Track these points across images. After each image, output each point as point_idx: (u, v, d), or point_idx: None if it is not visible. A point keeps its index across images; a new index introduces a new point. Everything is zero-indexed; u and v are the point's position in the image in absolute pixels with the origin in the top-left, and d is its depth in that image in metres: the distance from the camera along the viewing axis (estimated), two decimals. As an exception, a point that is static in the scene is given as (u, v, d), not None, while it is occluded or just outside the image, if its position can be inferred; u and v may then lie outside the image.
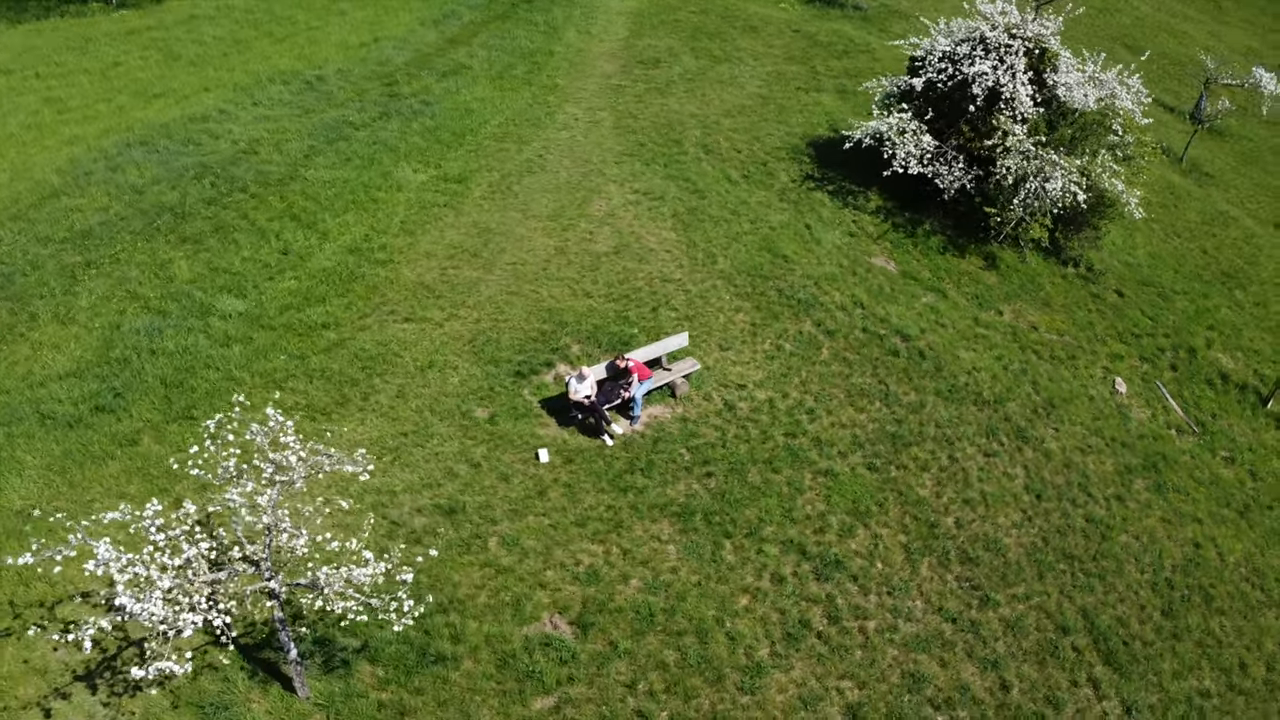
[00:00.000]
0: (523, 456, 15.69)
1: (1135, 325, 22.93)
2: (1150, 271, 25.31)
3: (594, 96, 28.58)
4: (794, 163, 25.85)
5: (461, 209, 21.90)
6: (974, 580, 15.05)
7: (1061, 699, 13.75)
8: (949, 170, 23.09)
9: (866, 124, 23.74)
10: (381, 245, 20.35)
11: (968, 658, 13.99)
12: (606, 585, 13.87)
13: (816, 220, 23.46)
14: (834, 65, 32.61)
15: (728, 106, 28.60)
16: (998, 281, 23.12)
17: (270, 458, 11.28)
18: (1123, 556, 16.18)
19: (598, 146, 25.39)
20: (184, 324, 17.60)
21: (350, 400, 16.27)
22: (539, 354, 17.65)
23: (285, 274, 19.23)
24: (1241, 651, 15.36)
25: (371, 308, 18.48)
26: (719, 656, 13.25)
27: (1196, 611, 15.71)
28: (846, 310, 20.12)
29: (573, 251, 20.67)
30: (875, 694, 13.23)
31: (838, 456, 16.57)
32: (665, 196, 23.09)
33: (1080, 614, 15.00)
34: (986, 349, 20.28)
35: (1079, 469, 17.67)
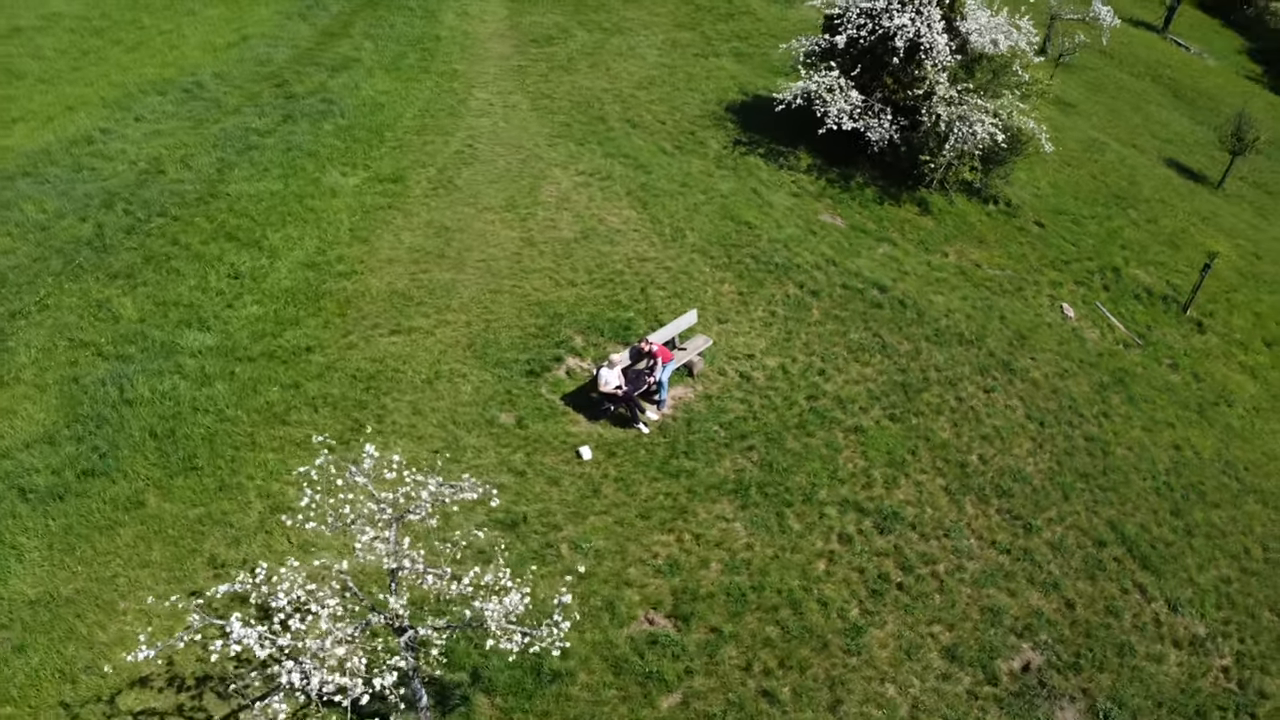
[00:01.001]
0: (564, 457, 15.18)
1: (1061, 252, 24.43)
2: (1057, 201, 26.98)
3: (499, 80, 27.66)
4: (719, 129, 25.93)
5: (409, 209, 20.79)
6: (1013, 510, 15.76)
7: (1119, 607, 14.65)
8: (878, 123, 23.75)
9: (795, 84, 24.05)
10: (338, 257, 19.09)
11: (1030, 584, 14.66)
12: (689, 573, 13.68)
13: (760, 184, 23.69)
14: (722, 29, 32.82)
15: (637, 79, 28.33)
16: (934, 225, 24.07)
17: (382, 497, 10.43)
18: (1124, 468, 17.32)
19: (524, 131, 24.64)
20: (151, 367, 15.97)
21: (365, 425, 15.24)
22: (544, 350, 17.07)
23: (244, 299, 17.74)
24: (1240, 538, 16.79)
25: (351, 324, 17.34)
26: (817, 623, 13.34)
27: (1197, 508, 17.05)
28: (821, 269, 20.46)
29: (540, 241, 20.03)
30: (964, 633, 13.68)
31: (860, 412, 16.90)
32: (612, 175, 22.69)
33: (1109, 526, 15.98)
34: (950, 291, 21.12)
35: (1064, 393, 18.74)
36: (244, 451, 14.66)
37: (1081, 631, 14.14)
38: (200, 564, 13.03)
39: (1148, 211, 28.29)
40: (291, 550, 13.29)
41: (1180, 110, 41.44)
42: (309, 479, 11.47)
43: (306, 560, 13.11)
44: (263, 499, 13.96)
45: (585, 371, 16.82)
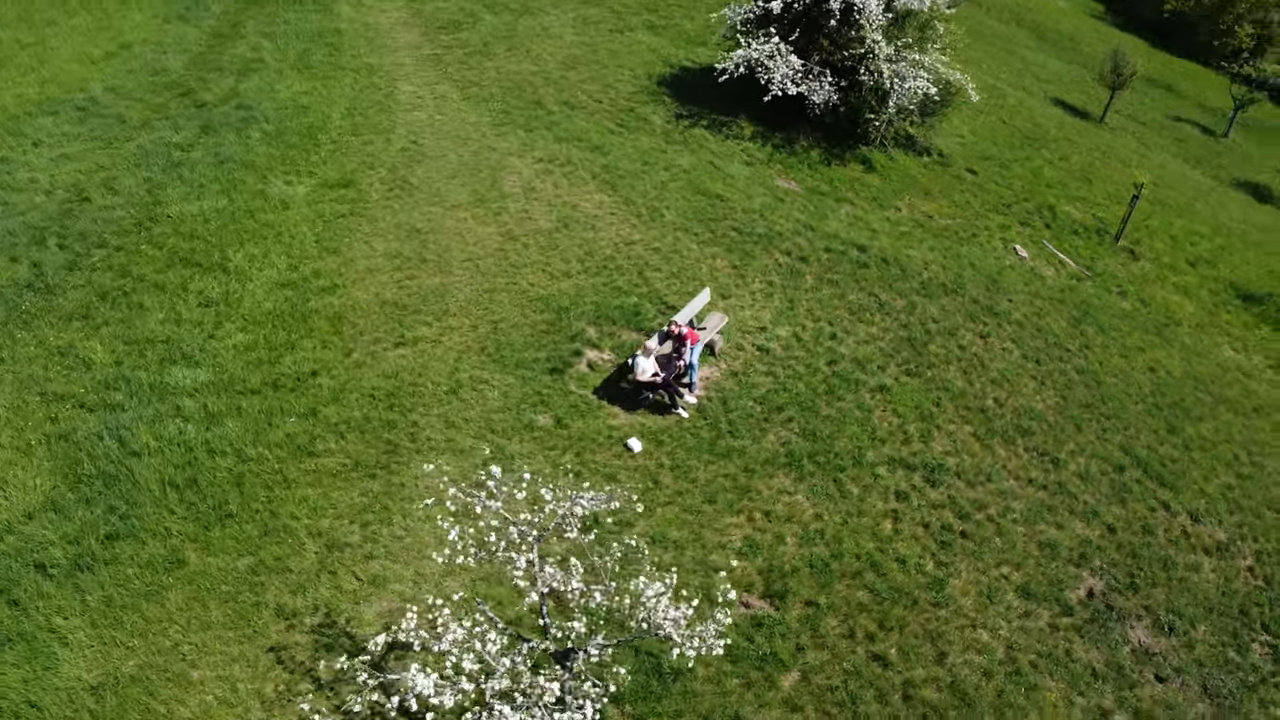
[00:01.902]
0: (614, 452, 14.84)
1: (1000, 197, 25.48)
2: (980, 147, 28.08)
3: (419, 70, 26.53)
4: (658, 104, 25.70)
5: (372, 215, 19.74)
6: (1038, 448, 16.43)
7: (1152, 525, 15.54)
8: (819, 86, 24.04)
9: (736, 53, 24.02)
10: (314, 271, 17.96)
11: (1071, 515, 15.35)
12: (769, 551, 13.66)
13: (713, 156, 23.65)
14: (630, 3, 32.42)
15: (561, 59, 27.70)
16: (881, 182, 24.65)
17: (520, 519, 9.92)
18: (1117, 395, 18.31)
19: (464, 122, 23.74)
20: (147, 413, 14.65)
21: (400, 445, 14.47)
22: (560, 345, 16.60)
23: (225, 327, 16.48)
24: (1227, 446, 18.05)
25: (350, 341, 16.38)
26: (901, 582, 13.58)
27: (1186, 423, 18.21)
28: (801, 234, 20.64)
29: (520, 234, 19.40)
30: (1030, 570, 14.21)
31: (878, 371, 17.21)
32: (572, 160, 22.17)
33: (1122, 451, 16.88)
34: (918, 244, 21.71)
35: (1047, 331, 19.62)
36: (278, 490, 13.68)
37: (1127, 553, 14.92)
38: (268, 617, 12.11)
39: (1058, 150, 29.82)
40: (363, 588, 12.53)
41: (1047, 52, 43.78)
42: (444, 510, 10.75)
43: (379, 594, 12.42)
44: (315, 538, 13.09)
45: (607, 364, 16.45)
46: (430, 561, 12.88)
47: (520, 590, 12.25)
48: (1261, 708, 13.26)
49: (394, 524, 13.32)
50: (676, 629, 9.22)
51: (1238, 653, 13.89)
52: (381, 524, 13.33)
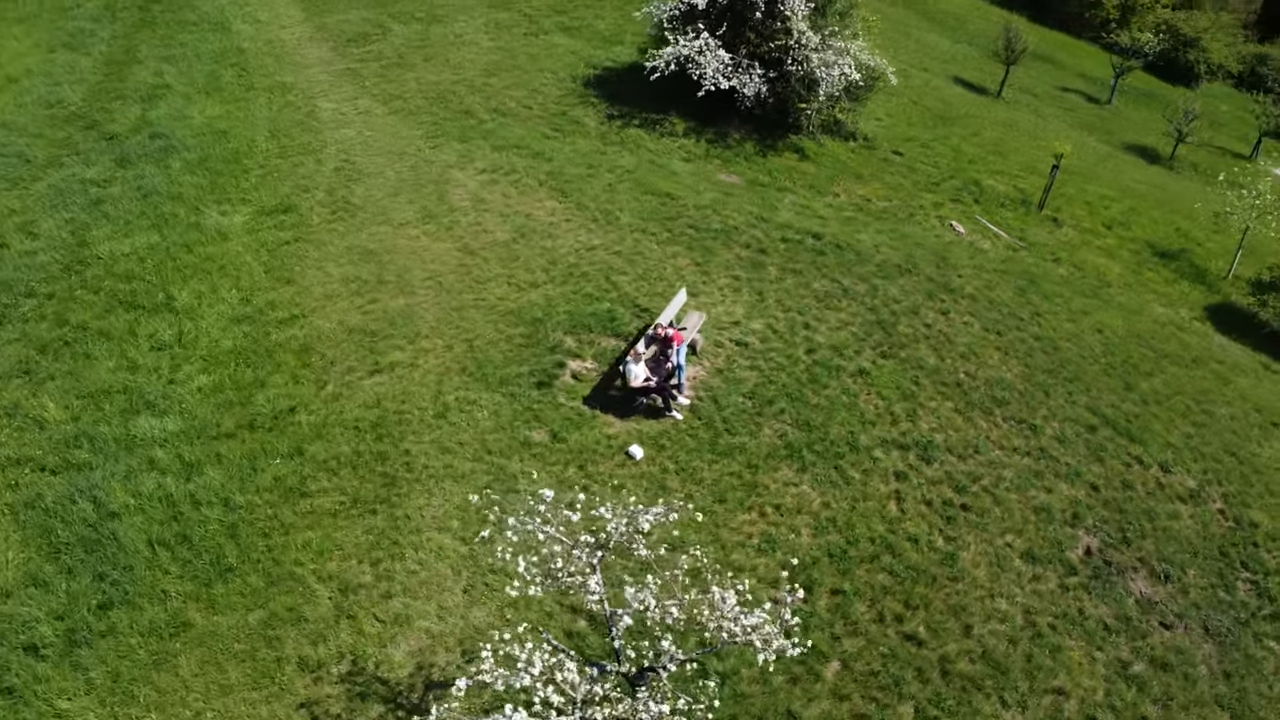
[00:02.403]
0: (616, 461, 14.64)
1: (927, 176, 26.21)
2: (900, 129, 28.83)
3: (337, 86, 25.66)
4: (588, 106, 25.50)
5: (318, 239, 18.99)
6: (1015, 416, 16.96)
7: (1129, 480, 16.22)
8: (750, 79, 24.24)
9: (665, 50, 23.99)
10: (269, 303, 17.17)
11: (1057, 478, 15.90)
12: (787, 544, 13.70)
13: (653, 155, 23.61)
14: (539, 5, 32.08)
15: (481, 66, 27.21)
16: (816, 169, 25.04)
17: (581, 541, 9.66)
18: (1074, 358, 19.05)
19: (396, 136, 23.08)
20: (118, 469, 13.75)
21: (397, 476, 13.96)
22: (541, 358, 16.28)
23: (185, 370, 15.61)
24: (1179, 398, 18.97)
25: (322, 373, 15.71)
26: (916, 560, 13.82)
27: (1140, 380, 19.08)
28: (756, 226, 20.78)
29: (478, 248, 18.96)
30: (1031, 535, 14.66)
31: (855, 355, 17.46)
32: (515, 168, 21.79)
33: (1090, 412, 17.58)
34: (865, 228, 22.13)
35: (999, 302, 20.26)
36: (277, 537, 13.03)
37: (1114, 509, 15.55)
38: (291, 671, 11.52)
39: (969, 126, 30.86)
40: (387, 629, 12.04)
41: (937, 32, 45.26)
42: (503, 539, 10.35)
43: (405, 633, 11.97)
44: (325, 582, 12.51)
45: (592, 372, 16.22)
46: (451, 594, 12.48)
47: (590, 614, 12.03)
48: (1256, 641, 14.00)
49: (406, 559, 12.84)
50: (758, 635, 9.12)
51: (1226, 592, 14.64)
52: (393, 560, 12.83)
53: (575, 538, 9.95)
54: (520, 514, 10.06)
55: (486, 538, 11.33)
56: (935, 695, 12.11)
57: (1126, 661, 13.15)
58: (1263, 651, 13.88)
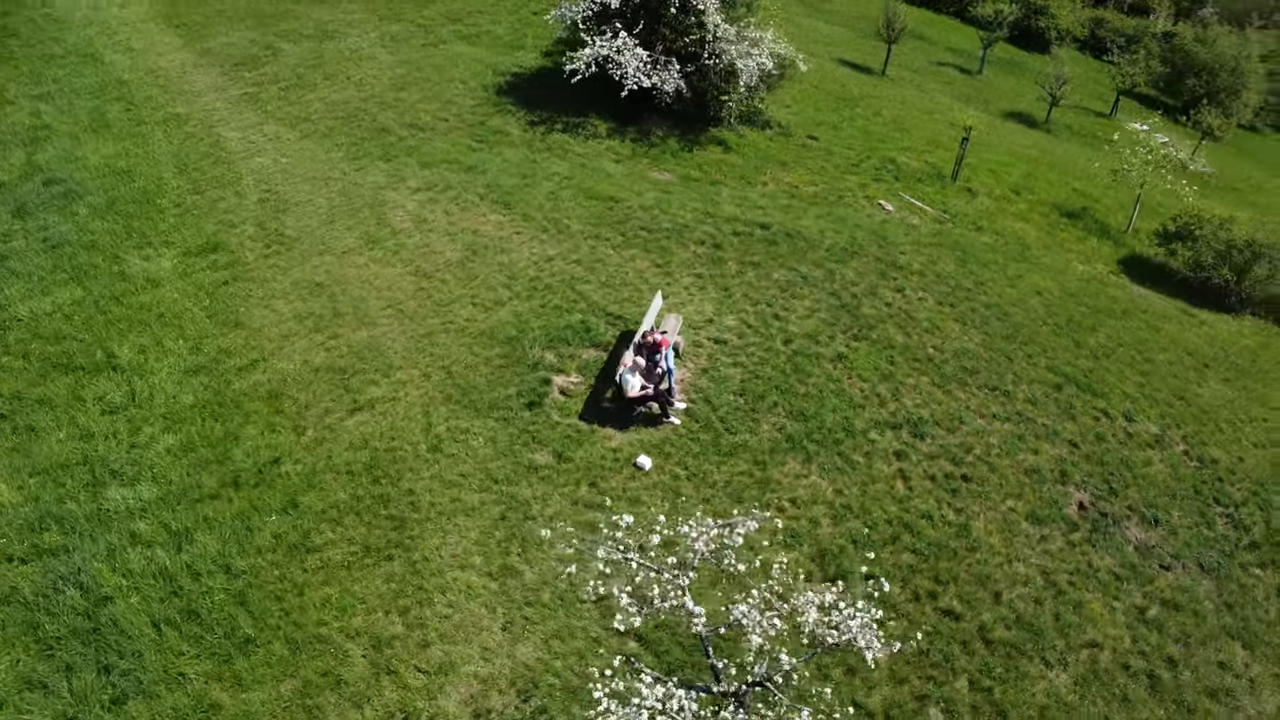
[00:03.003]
0: (625, 474, 14.36)
1: (845, 158, 26.77)
2: (808, 114, 29.35)
3: (237, 113, 24.31)
4: (506, 114, 24.95)
5: (259, 276, 17.93)
6: (987, 384, 17.49)
7: (1101, 433, 16.97)
8: (670, 76, 24.18)
9: (584, 52, 23.66)
10: (221, 350, 16.10)
11: (1038, 439, 16.48)
12: (811, 536, 13.74)
13: (584, 159, 23.29)
14: (430, 14, 31.20)
15: (387, 81, 26.25)
16: (741, 160, 25.22)
17: (668, 562, 9.37)
18: (1024, 322, 19.80)
19: (314, 161, 22.02)
20: (100, 548, 12.64)
21: (408, 518, 13.30)
22: (525, 377, 15.82)
23: (146, 432, 14.47)
24: (1124, 349, 19.97)
25: (299, 418, 14.84)
26: (934, 536, 14.08)
27: (1086, 335, 19.98)
28: (704, 222, 20.75)
29: (431, 271, 18.28)
30: (1029, 498, 15.15)
31: (829, 341, 17.65)
32: (449, 183, 21.11)
33: (1051, 372, 18.30)
34: (804, 214, 22.42)
35: (945, 275, 20.86)
36: (291, 598, 12.22)
37: (1095, 462, 16.24)
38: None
39: (869, 106, 31.70)
40: (432, 679, 11.45)
41: (813, 17, 46.33)
42: (595, 573, 9.90)
43: (453, 681, 11.43)
44: (355, 640, 11.81)
45: (579, 387, 15.86)
46: (491, 633, 11.98)
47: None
48: (1244, 570, 14.87)
49: (435, 603, 12.24)
50: (863, 635, 9.06)
51: (1208, 528, 15.49)
52: (422, 606, 12.21)
53: (662, 561, 9.64)
54: (601, 543, 9.68)
55: (573, 572, 10.84)
56: (984, 665, 12.35)
57: (1141, 607, 13.74)
58: (1251, 580, 14.75)
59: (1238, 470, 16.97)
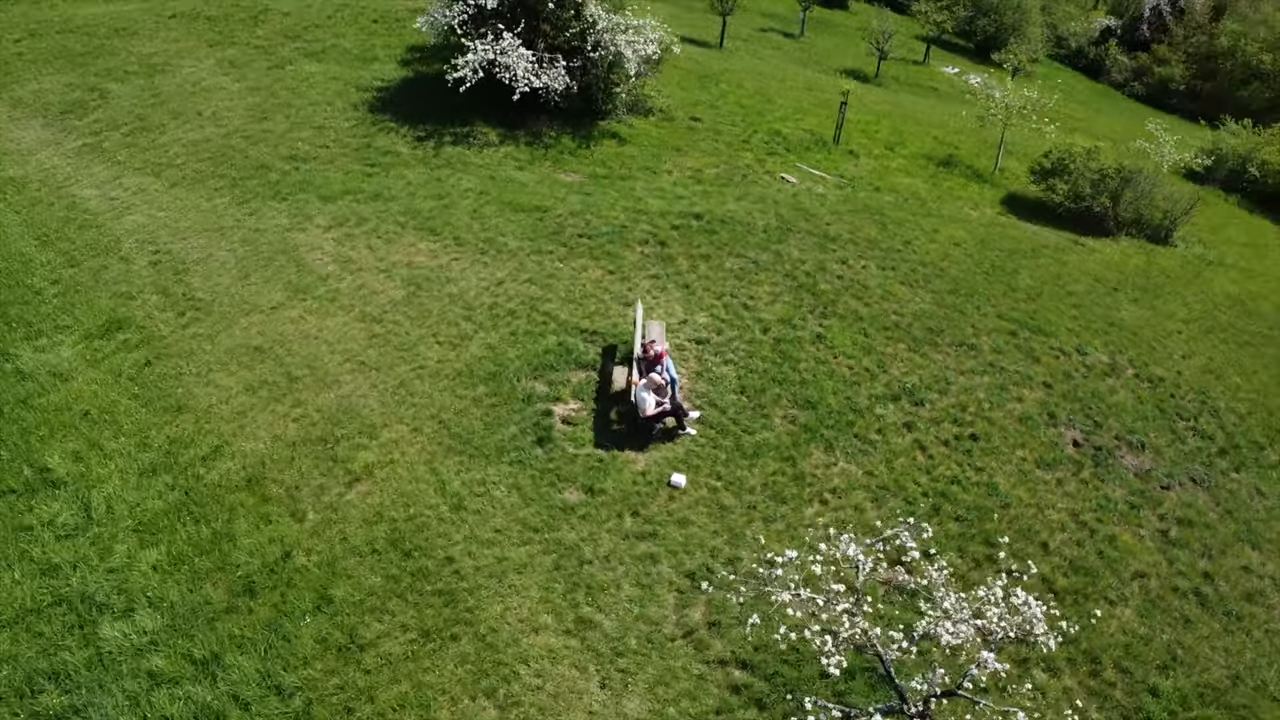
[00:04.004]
0: (664, 496, 13.77)
1: (734, 136, 26.80)
2: (682, 96, 29.17)
3: (84, 168, 21.60)
4: (388, 133, 23.39)
5: (183, 351, 16.00)
6: (953, 340, 17.98)
7: (1066, 369, 17.81)
8: (558, 73, 23.35)
9: (468, 58, 22.42)
10: (173, 441, 14.28)
11: (1015, 385, 17.10)
12: (859, 522, 13.67)
13: (490, 171, 22.18)
14: (266, 34, 28.78)
15: (243, 112, 24.02)
16: (639, 151, 24.76)
17: (835, 589, 8.96)
18: (960, 275, 20.47)
19: (197, 210, 19.88)
20: (119, 700, 10.93)
21: (457, 590, 12.23)
22: (522, 413, 14.89)
23: (119, 551, 12.63)
24: (1050, 286, 21.02)
25: (293, 502, 13.36)
26: (968, 499, 14.33)
27: (1015, 278, 20.90)
28: (640, 221, 20.20)
29: (379, 315, 16.88)
30: (1031, 445, 15.70)
31: (803, 323, 17.61)
32: (362, 215, 19.56)
33: (1000, 318, 19.01)
34: (725, 199, 22.26)
35: (874, 241, 21.27)
36: (363, 707, 11.01)
37: (1071, 399, 17.03)
38: None
39: (731, 80, 31.89)
40: (548, 759, 10.59)
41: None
42: (797, 621, 9.24)
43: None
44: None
45: (581, 413, 15.08)
46: (591, 695, 11.20)
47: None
48: (1224, 476, 16.03)
49: (521, 676, 11.33)
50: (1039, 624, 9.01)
51: (1182, 443, 16.60)
52: (508, 683, 11.27)
53: (829, 591, 9.22)
54: (767, 585, 9.14)
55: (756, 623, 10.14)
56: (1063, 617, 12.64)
57: (1163, 530, 14.54)
58: (1233, 484, 15.92)
59: (1181, 384, 18.26)
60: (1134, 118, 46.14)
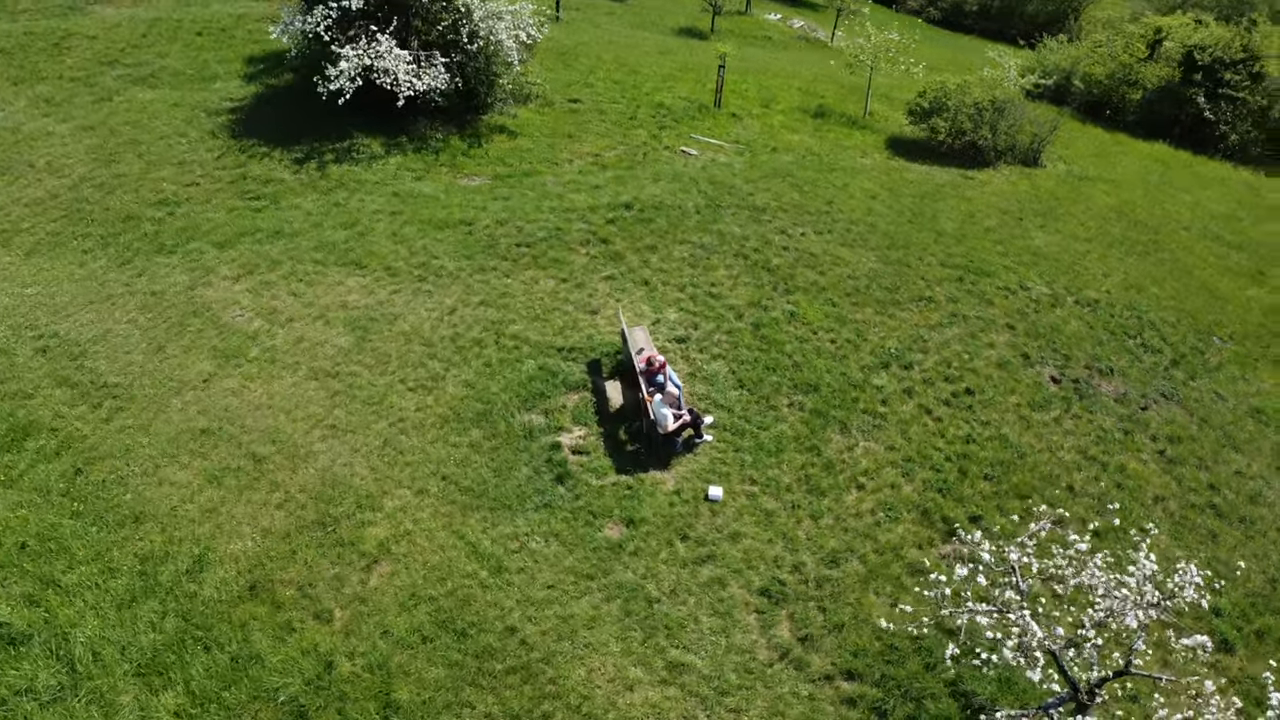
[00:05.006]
0: (707, 513, 13.15)
1: (621, 114, 25.92)
2: (551, 77, 27.94)
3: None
4: (262, 160, 21.18)
5: (117, 449, 13.93)
6: (912, 296, 18.09)
7: (1020, 308, 18.26)
8: (439, 72, 21.73)
9: (342, 66, 20.45)
10: (143, 558, 12.44)
11: (984, 331, 17.37)
12: (900, 500, 13.54)
13: (388, 185, 20.45)
14: (72, 63, 25.33)
15: (85, 156, 21.15)
16: (532, 143, 23.55)
17: (1009, 598, 8.65)
18: (887, 228, 20.61)
19: (71, 280, 17.37)
20: None
21: (530, 662, 11.24)
22: (528, 450, 13.85)
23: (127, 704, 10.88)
24: (965, 226, 21.54)
25: (313, 604, 11.89)
26: (987, 455, 14.45)
27: (935, 221, 21.27)
28: (571, 220, 19.16)
29: (331, 369, 15.24)
30: (1020, 391, 16.01)
31: (771, 303, 17.22)
32: (273, 259, 17.62)
33: (942, 265, 19.30)
34: (642, 182, 21.46)
35: (799, 205, 21.08)
36: None
37: (1033, 335, 17.51)
38: None
39: (590, 55, 30.86)
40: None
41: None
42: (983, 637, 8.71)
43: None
44: None
45: (588, 438, 14.17)
46: None
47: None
48: (1184, 385, 16.95)
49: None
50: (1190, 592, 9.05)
51: (1139, 361, 17.42)
52: None
53: (1003, 600, 8.88)
54: (958, 612, 8.70)
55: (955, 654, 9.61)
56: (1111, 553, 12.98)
57: (1160, 449, 15.21)
58: (1195, 392, 16.86)
59: (1114, 304, 19.17)
60: (946, 46, 48.33)
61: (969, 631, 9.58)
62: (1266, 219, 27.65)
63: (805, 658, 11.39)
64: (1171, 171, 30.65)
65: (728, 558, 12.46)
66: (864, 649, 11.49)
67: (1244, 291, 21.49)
